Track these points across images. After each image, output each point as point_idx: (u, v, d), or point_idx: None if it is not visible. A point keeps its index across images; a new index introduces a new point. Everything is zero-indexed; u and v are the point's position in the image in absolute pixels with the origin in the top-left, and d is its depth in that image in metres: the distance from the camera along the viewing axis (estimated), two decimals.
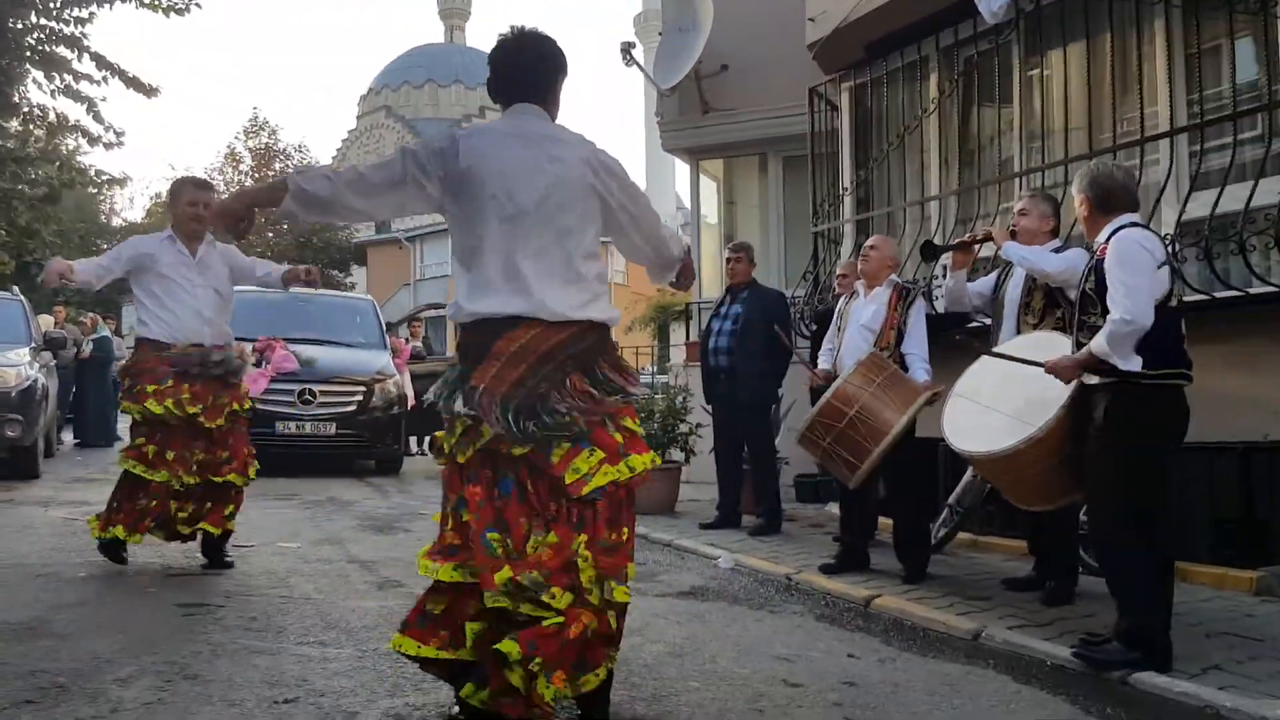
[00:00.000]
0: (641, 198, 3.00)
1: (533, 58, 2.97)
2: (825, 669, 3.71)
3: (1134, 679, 3.53)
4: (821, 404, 5.04)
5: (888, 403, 4.95)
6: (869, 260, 5.56)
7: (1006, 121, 7.27)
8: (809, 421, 5.10)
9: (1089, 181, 3.88)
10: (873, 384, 4.99)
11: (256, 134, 32.65)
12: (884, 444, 4.87)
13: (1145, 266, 3.59)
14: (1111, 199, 3.83)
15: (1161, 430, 3.69)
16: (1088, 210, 3.89)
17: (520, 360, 2.73)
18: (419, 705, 3.10)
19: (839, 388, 5.02)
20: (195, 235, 5.29)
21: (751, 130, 10.48)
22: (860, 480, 5.05)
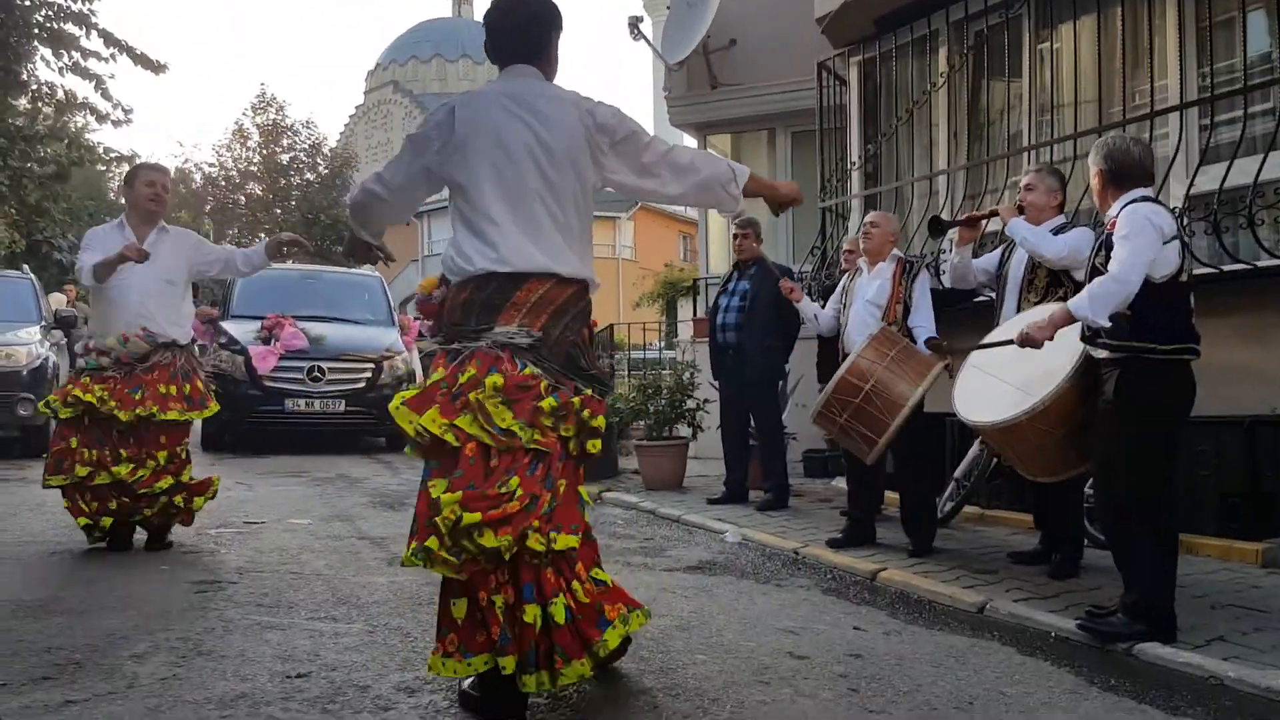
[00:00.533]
0: (646, 138, 2.98)
1: (525, 17, 3.00)
2: (831, 641, 3.74)
3: (1138, 650, 3.56)
4: (836, 381, 5.04)
5: (902, 375, 4.96)
6: (871, 237, 5.57)
7: (1016, 96, 7.22)
8: (825, 399, 5.10)
9: (1104, 154, 3.85)
10: (886, 358, 5.00)
11: (264, 110, 32.54)
12: (901, 416, 4.89)
13: (1150, 237, 3.58)
14: (1126, 172, 3.80)
15: (1170, 405, 3.69)
16: (1101, 183, 3.86)
17: (541, 310, 2.80)
18: (430, 679, 3.14)
19: (853, 363, 5.02)
20: (151, 219, 5.16)
21: (760, 105, 10.44)
22: (878, 455, 5.07)
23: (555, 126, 2.85)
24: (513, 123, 2.84)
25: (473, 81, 61.39)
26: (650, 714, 2.90)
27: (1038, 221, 4.76)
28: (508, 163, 2.82)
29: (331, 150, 34.66)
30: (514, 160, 2.82)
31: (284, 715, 2.80)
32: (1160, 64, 6.02)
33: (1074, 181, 5.43)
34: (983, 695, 3.16)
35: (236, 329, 10.67)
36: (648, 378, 8.94)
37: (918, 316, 5.40)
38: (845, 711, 2.97)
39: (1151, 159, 3.91)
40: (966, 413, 4.40)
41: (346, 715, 2.82)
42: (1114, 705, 3.11)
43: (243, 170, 32.96)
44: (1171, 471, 3.80)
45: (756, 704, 3.01)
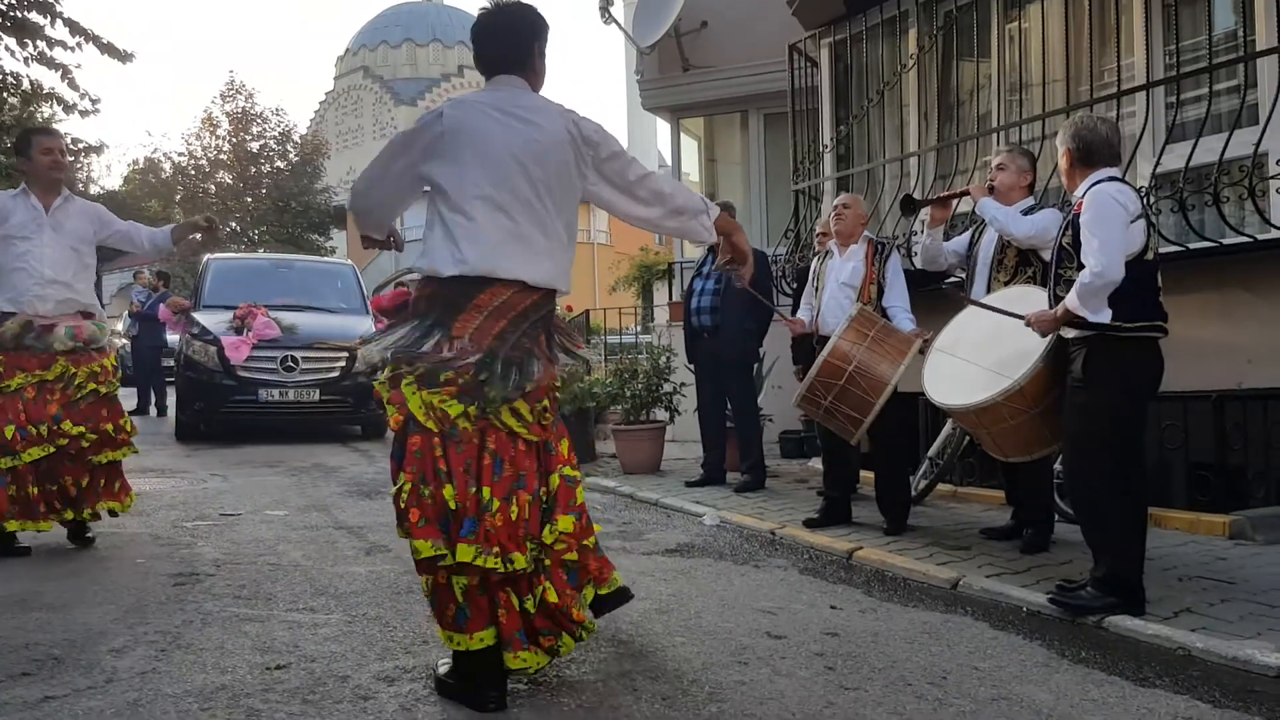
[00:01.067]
0: (630, 158, 3.07)
1: (506, 28, 3.02)
2: (808, 621, 3.78)
3: (1108, 623, 3.62)
4: (819, 364, 5.07)
5: (883, 356, 5.01)
6: (844, 219, 5.60)
7: (985, 76, 7.26)
8: (809, 383, 5.13)
9: (1071, 133, 3.89)
10: (866, 339, 5.04)
11: (233, 98, 32.23)
12: (885, 394, 4.94)
13: (1118, 221, 3.63)
14: (1093, 152, 3.84)
15: (1137, 381, 3.74)
16: (1069, 162, 3.91)
17: (501, 315, 2.85)
18: (409, 668, 3.16)
19: (834, 346, 5.05)
20: (54, 186, 4.98)
21: (732, 87, 10.44)
22: (863, 434, 5.11)
23: (542, 134, 2.89)
24: (498, 129, 2.87)
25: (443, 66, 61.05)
26: (629, 696, 2.93)
27: (1008, 201, 4.80)
28: (491, 167, 2.84)
29: (302, 137, 34.37)
30: (498, 165, 2.85)
31: (264, 707, 2.81)
32: (1126, 42, 6.06)
33: (1042, 161, 5.47)
34: (956, 670, 3.22)
35: (208, 319, 10.59)
36: (624, 362, 8.95)
37: (893, 296, 5.45)
38: (822, 689, 3.02)
39: (1119, 138, 3.96)
40: (940, 397, 4.45)
41: (327, 706, 2.83)
42: (1084, 677, 3.17)
43: (212, 159, 32.65)
44: (1139, 446, 3.85)
45: (735, 684, 3.04)
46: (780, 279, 8.32)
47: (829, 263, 5.68)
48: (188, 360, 10.39)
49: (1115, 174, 3.84)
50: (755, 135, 10.82)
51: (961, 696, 2.98)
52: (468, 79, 62.31)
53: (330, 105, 60.80)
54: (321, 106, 61.35)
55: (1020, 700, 2.96)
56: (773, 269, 8.25)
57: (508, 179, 2.84)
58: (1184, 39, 5.75)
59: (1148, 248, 3.72)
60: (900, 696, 2.97)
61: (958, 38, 7.34)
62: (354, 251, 34.52)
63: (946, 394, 4.43)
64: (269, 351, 10.21)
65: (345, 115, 60.64)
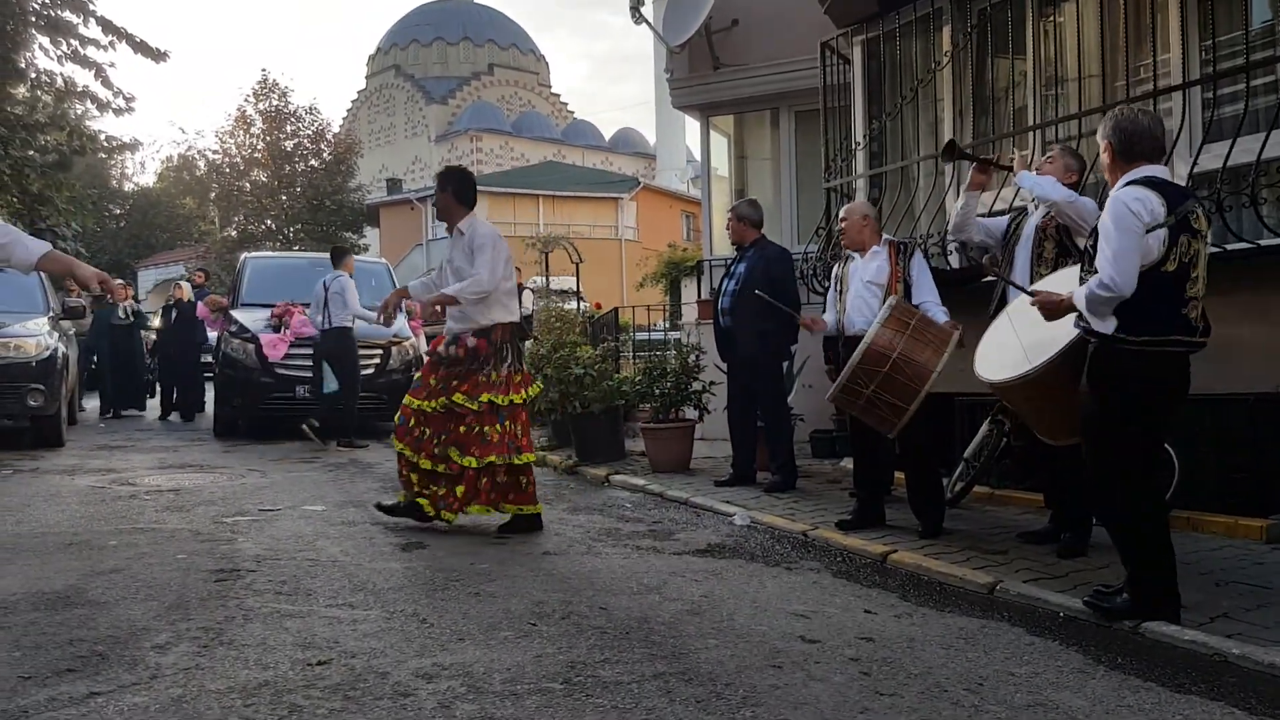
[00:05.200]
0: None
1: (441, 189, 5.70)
2: (842, 625, 3.79)
3: (1144, 628, 3.60)
4: (861, 353, 5.03)
5: (926, 343, 5.02)
6: (846, 232, 5.67)
7: (1020, 73, 7.20)
8: (849, 372, 5.09)
9: (1113, 126, 3.79)
10: (907, 327, 5.05)
11: (266, 96, 32.50)
12: (930, 381, 4.94)
13: (1133, 231, 3.53)
14: (1135, 146, 3.74)
15: (1140, 395, 3.64)
16: (1110, 157, 3.82)
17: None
18: (446, 665, 3.20)
19: (876, 335, 5.03)
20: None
21: (763, 85, 10.40)
22: (905, 424, 5.09)
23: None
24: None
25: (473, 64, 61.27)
26: (664, 699, 2.95)
27: None
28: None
29: (335, 136, 34.62)
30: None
31: (306, 703, 2.86)
32: (1164, 38, 6.00)
33: None
34: (992, 676, 3.21)
35: (246, 317, 10.73)
36: (653, 359, 8.97)
37: (922, 292, 5.44)
38: (857, 695, 3.02)
39: (1162, 130, 3.85)
40: (979, 364, 4.50)
41: (367, 702, 2.88)
42: (1120, 684, 3.16)
43: (247, 157, 32.93)
44: (1154, 451, 3.81)
45: (769, 688, 3.06)
46: (812, 277, 8.30)
47: (850, 265, 5.69)
48: (226, 358, 10.53)
49: (1154, 172, 3.73)
50: (786, 133, 10.79)
51: (997, 703, 2.98)
52: (497, 76, 62.52)
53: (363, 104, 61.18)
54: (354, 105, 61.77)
55: (1056, 707, 2.96)
56: (803, 267, 8.26)
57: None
58: (1220, 34, 5.68)
59: (1168, 257, 3.58)
60: (936, 703, 2.97)
61: (992, 34, 7.29)
62: (387, 250, 34.77)
63: (984, 363, 4.47)
64: (306, 349, 10.32)
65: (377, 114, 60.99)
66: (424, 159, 59.09)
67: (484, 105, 60.44)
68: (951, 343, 5.03)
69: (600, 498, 6.90)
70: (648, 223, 39.13)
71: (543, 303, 15.61)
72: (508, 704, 2.87)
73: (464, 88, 61.22)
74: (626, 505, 6.57)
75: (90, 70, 14.99)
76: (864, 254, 5.62)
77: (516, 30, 65.51)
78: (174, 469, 8.07)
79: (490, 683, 3.05)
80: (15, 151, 15.14)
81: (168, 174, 39.25)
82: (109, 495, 6.57)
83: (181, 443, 10.18)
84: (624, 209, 40.03)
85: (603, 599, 4.08)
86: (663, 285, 18.67)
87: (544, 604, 3.98)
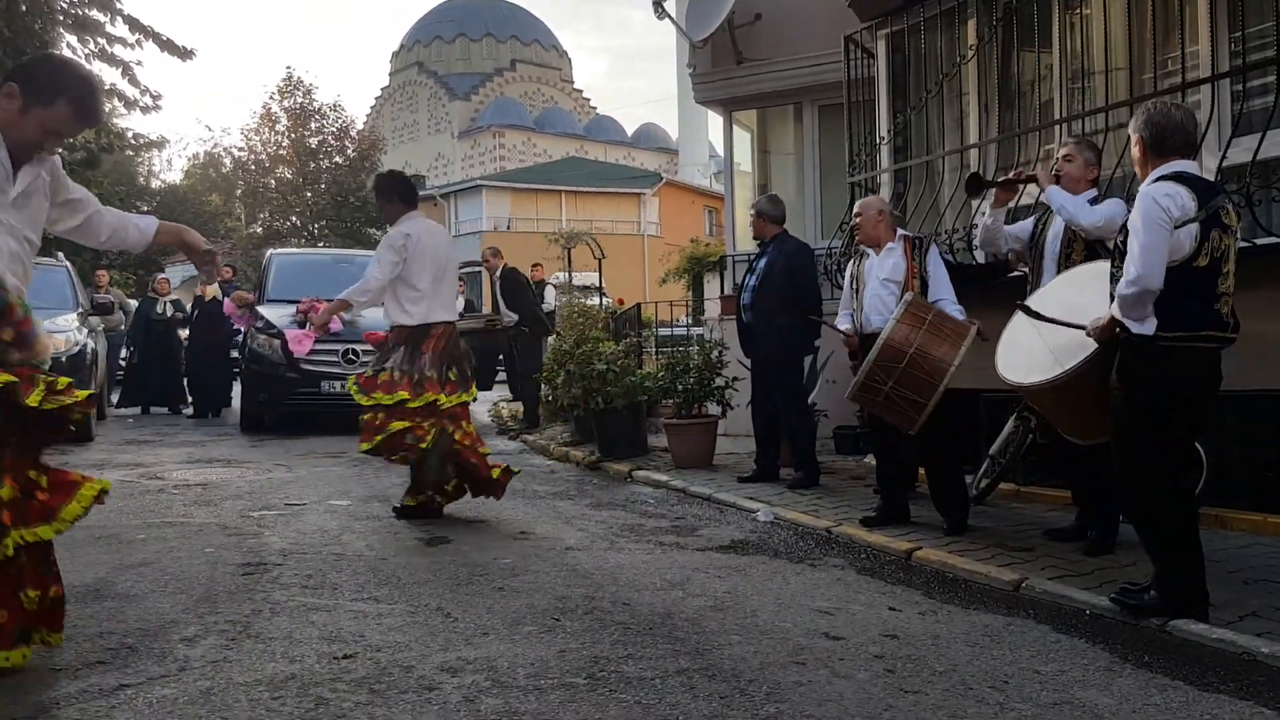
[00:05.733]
0: None
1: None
2: (866, 622, 3.78)
3: (1172, 626, 3.57)
4: (878, 349, 5.04)
5: (942, 339, 4.99)
6: (861, 229, 5.67)
7: (1046, 66, 7.14)
8: (867, 369, 5.08)
9: (1144, 120, 3.77)
10: (923, 323, 5.03)
11: (291, 94, 32.68)
12: (948, 377, 4.91)
13: (1161, 226, 3.51)
14: (1167, 141, 3.71)
15: (1171, 392, 3.62)
16: (1141, 151, 3.80)
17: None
18: (470, 659, 3.22)
19: (892, 331, 5.03)
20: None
21: (786, 80, 10.37)
22: (925, 419, 5.07)
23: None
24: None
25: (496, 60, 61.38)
26: (687, 694, 2.95)
27: (1073, 193, 4.74)
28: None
29: (359, 133, 34.76)
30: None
31: (332, 696, 2.88)
32: (1192, 30, 5.93)
33: (1105, 153, 5.38)
34: (1018, 674, 3.20)
35: (272, 313, 10.79)
36: (676, 355, 8.96)
37: (939, 289, 5.43)
38: (881, 692, 3.01)
39: (1194, 124, 3.83)
40: (1002, 366, 4.46)
41: (392, 696, 2.90)
42: (1147, 682, 3.13)
43: (272, 154, 33.14)
44: (1183, 448, 3.77)
45: (793, 684, 3.06)
46: (836, 272, 8.27)
47: (866, 263, 5.67)
48: (252, 353, 10.62)
49: (1185, 167, 3.71)
50: (809, 127, 10.74)
51: (1023, 701, 2.96)
52: (519, 73, 62.64)
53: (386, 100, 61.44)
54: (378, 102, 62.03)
55: (1082, 705, 2.94)
56: (826, 262, 8.23)
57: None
58: (1250, 25, 5.60)
59: (1200, 253, 3.56)
60: (961, 700, 2.96)
61: (1018, 27, 7.23)
62: None
63: (1009, 366, 4.43)
64: (331, 345, 10.35)
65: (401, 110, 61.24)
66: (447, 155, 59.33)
67: (507, 101, 60.58)
68: (969, 336, 5.01)
69: (623, 493, 6.91)
70: (670, 218, 39.12)
71: (565, 298, 15.65)
72: (531, 698, 2.89)
73: (487, 84, 61.38)
74: (649, 501, 6.57)
75: (118, 68, 15.15)
76: (879, 250, 5.60)
77: (539, 26, 65.61)
78: (201, 464, 8.15)
79: (514, 677, 3.07)
80: None
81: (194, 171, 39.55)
82: (137, 489, 6.64)
83: (209, 438, 10.26)
84: (646, 204, 40.04)
85: (626, 595, 4.09)
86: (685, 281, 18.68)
87: (567, 599, 4.00)
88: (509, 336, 11.19)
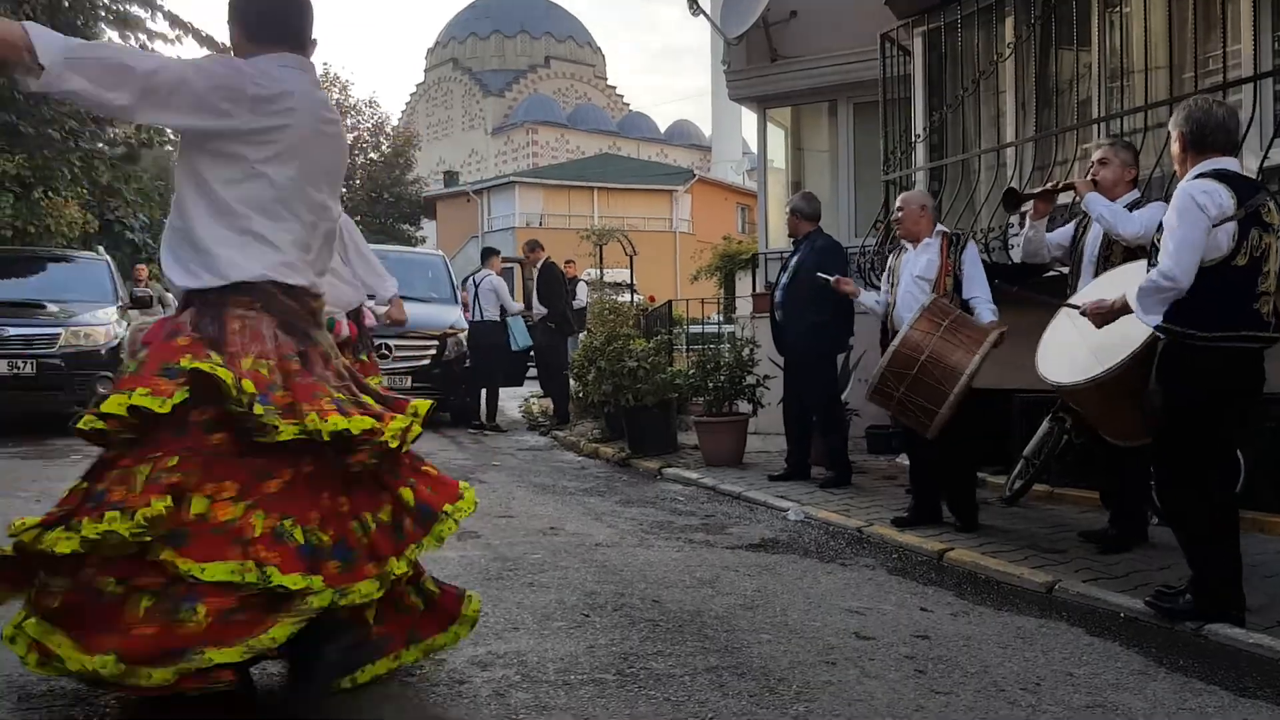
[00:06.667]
0: None
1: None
2: (897, 622, 3.76)
3: (1207, 630, 3.53)
4: (890, 354, 5.04)
5: (957, 344, 4.94)
6: (902, 222, 5.62)
7: (1085, 64, 7.07)
8: (879, 374, 5.10)
9: (1185, 116, 3.72)
10: (939, 328, 4.99)
11: (327, 90, 32.95)
12: (960, 385, 4.87)
13: (1197, 225, 3.47)
14: (1207, 138, 3.67)
15: (1213, 392, 3.58)
16: (1181, 147, 3.75)
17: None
18: (500, 654, 3.23)
19: (905, 335, 5.01)
20: None
21: (821, 77, 10.32)
22: (939, 428, 5.04)
23: None
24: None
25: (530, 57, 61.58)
26: (716, 692, 2.95)
27: (1111, 196, 4.67)
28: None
29: (394, 129, 35.00)
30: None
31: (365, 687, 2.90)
32: (1234, 28, 5.84)
33: (1145, 153, 5.32)
34: (1050, 676, 3.17)
35: None
36: (707, 353, 8.96)
37: (973, 287, 5.38)
38: (912, 693, 3.00)
39: (1236, 122, 3.79)
40: (1041, 365, 4.43)
41: (424, 688, 2.92)
42: (1182, 686, 3.10)
43: None
44: (1223, 450, 3.73)
45: (822, 684, 3.05)
46: (870, 270, 8.23)
47: (904, 257, 5.64)
48: None
49: (1225, 165, 3.66)
50: (844, 125, 10.69)
51: (1055, 704, 2.94)
52: (554, 69, 62.81)
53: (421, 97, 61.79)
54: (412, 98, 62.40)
55: (1116, 708, 2.91)
56: (860, 260, 8.19)
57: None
58: None
59: (1238, 252, 3.51)
60: (992, 702, 2.94)
61: (1056, 25, 7.16)
62: (444, 241, 35.14)
63: (1049, 364, 4.40)
64: None
65: (435, 107, 61.56)
66: (481, 151, 59.62)
67: (540, 98, 60.77)
68: (987, 342, 4.94)
69: (652, 490, 6.91)
70: (702, 215, 39.07)
71: (596, 295, 15.68)
72: (561, 693, 2.90)
73: (521, 80, 61.59)
74: (679, 498, 6.57)
75: None
76: (916, 245, 5.56)
77: (573, 23, 65.75)
78: None
79: (544, 672, 3.08)
80: (85, 144, 15.53)
81: None
82: None
83: None
84: (679, 201, 40.01)
85: (655, 591, 4.09)
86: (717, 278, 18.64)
87: (597, 595, 4.01)
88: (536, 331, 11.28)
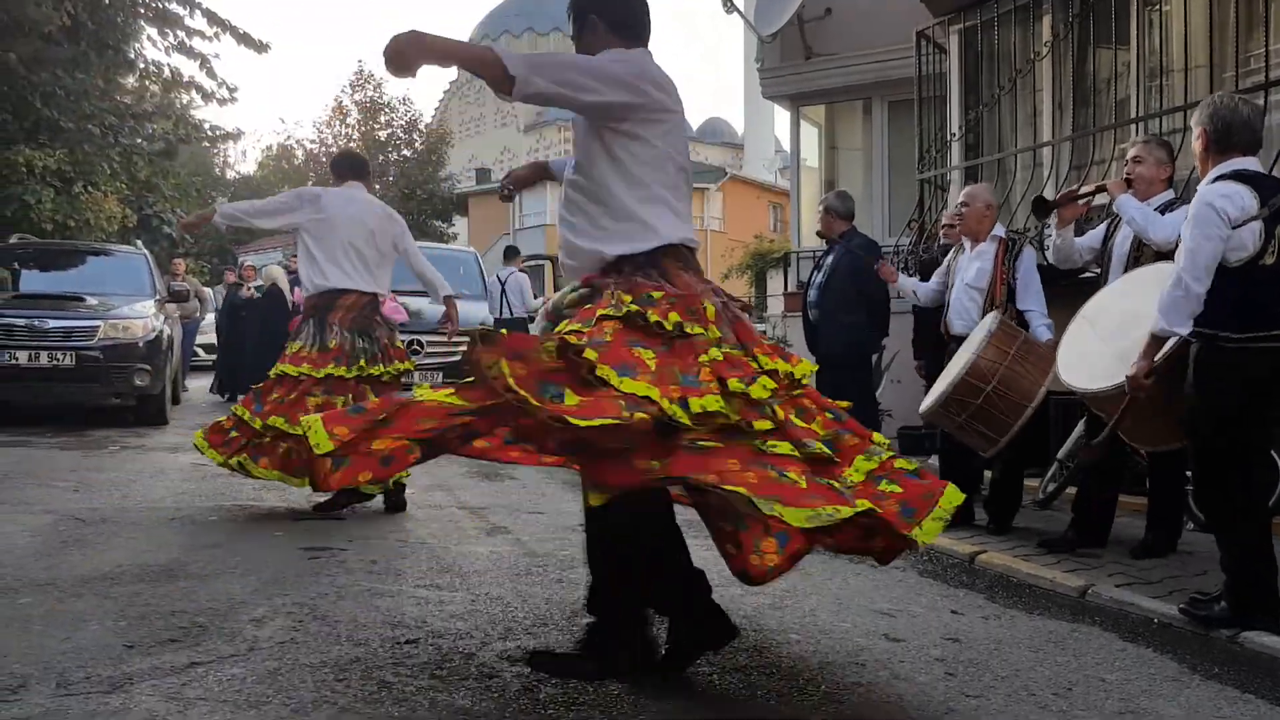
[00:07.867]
0: None
1: None
2: (928, 624, 3.74)
3: (1243, 638, 3.48)
4: (956, 381, 4.89)
5: (1025, 373, 4.83)
6: (965, 218, 5.47)
7: (1124, 63, 6.99)
8: (944, 398, 4.97)
9: (1209, 114, 3.68)
10: (1007, 356, 4.85)
11: (362, 88, 33.20)
12: (1024, 417, 4.79)
13: (1213, 230, 3.44)
14: (1232, 136, 3.62)
15: (1247, 391, 3.54)
16: (1204, 144, 3.70)
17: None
18: (530, 648, 3.24)
19: (974, 364, 4.86)
20: None
21: (855, 75, 10.28)
22: (997, 452, 4.99)
23: None
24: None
25: None
26: (745, 691, 2.95)
27: (1146, 195, 4.62)
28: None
29: (427, 127, 35.19)
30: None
31: (395, 680, 2.93)
32: (1276, 26, 5.76)
33: (1182, 153, 5.25)
34: (1082, 681, 3.14)
35: None
36: None
37: (1028, 299, 5.27)
38: (942, 696, 2.98)
39: (1261, 122, 3.74)
40: (1064, 372, 4.38)
41: (454, 682, 2.94)
42: (1217, 694, 3.06)
43: (343, 146, 33.70)
44: (1253, 457, 3.68)
45: (851, 685, 3.04)
46: (903, 270, 8.18)
47: (961, 258, 5.55)
48: None
49: (1247, 165, 3.61)
50: (878, 123, 10.64)
51: (1088, 709, 2.91)
52: None
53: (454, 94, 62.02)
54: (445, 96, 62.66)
55: (1149, 715, 2.88)
56: (894, 260, 8.14)
57: None
58: None
59: (1265, 251, 3.47)
60: (1023, 707, 2.92)
61: (1094, 23, 7.08)
62: (474, 237, 35.28)
63: (1072, 371, 4.34)
64: None
65: (468, 104, 61.78)
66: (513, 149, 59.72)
67: None
68: (1054, 372, 4.84)
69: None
70: (734, 214, 38.94)
71: None
72: (589, 688, 2.90)
73: None
74: None
75: (195, 61, 15.52)
76: (975, 246, 5.47)
77: None
78: None
79: None
80: (124, 139, 15.75)
81: (267, 163, 40.36)
82: (209, 473, 6.79)
83: None
84: (710, 199, 39.91)
85: None
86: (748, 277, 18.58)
87: None
88: None
